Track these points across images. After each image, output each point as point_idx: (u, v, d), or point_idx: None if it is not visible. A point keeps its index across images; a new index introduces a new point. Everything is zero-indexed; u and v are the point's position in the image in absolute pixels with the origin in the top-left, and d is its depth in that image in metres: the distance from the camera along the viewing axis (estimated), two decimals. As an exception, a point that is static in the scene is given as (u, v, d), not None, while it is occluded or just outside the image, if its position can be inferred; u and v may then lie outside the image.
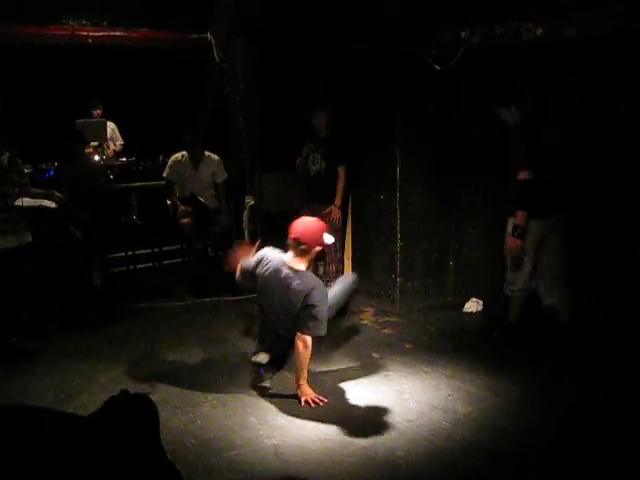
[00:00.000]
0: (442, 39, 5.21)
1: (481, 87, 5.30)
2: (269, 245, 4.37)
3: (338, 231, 6.19)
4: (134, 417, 2.15)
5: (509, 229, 4.73)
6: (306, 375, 3.99)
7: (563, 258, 4.81)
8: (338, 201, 5.87)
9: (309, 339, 3.93)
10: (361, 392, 4.07)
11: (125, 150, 7.87)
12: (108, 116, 7.77)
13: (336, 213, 5.87)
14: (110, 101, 7.75)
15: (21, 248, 4.71)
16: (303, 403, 3.88)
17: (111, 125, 7.80)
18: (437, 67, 5.19)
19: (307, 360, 3.96)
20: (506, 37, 4.75)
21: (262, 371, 4.39)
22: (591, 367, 4.29)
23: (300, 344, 3.92)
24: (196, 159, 6.38)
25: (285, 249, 4.18)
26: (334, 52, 5.89)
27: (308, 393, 3.93)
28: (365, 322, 5.47)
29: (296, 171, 6.14)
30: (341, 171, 5.85)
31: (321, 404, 3.88)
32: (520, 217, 4.59)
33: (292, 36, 5.98)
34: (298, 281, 3.96)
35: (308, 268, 4.11)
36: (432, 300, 5.83)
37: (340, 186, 5.87)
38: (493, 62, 5.07)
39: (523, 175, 4.51)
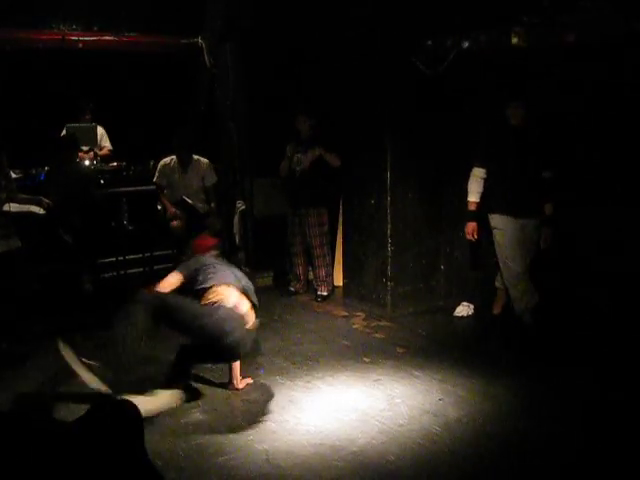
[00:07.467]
0: (432, 44, 5.23)
1: (474, 90, 5.35)
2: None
3: (325, 234, 6.18)
4: (117, 422, 2.15)
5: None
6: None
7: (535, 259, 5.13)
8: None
9: None
10: (352, 396, 4.06)
11: (114, 155, 7.81)
12: (97, 120, 7.73)
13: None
14: (100, 105, 7.71)
15: (10, 253, 4.68)
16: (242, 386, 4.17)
17: (100, 130, 7.76)
18: (427, 72, 5.22)
19: None
20: (496, 42, 4.79)
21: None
22: (581, 370, 4.32)
23: None
24: (185, 163, 6.35)
25: None
26: (324, 56, 5.91)
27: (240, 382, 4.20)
28: (356, 326, 5.47)
29: (280, 175, 6.15)
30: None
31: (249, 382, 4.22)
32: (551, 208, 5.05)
33: (282, 41, 6.00)
34: None
35: None
36: (423, 304, 5.83)
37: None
38: (484, 65, 5.13)
39: (548, 173, 5.04)
